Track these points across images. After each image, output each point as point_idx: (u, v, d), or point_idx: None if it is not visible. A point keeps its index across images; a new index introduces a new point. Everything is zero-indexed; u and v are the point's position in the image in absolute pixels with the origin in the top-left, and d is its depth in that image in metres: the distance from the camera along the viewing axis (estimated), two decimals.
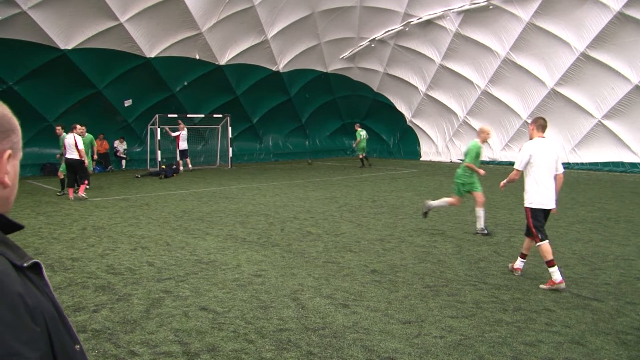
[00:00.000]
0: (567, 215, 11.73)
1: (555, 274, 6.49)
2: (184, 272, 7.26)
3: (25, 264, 1.17)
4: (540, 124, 7.09)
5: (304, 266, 7.55)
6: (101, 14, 19.32)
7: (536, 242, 6.79)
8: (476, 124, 25.98)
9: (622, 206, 12.97)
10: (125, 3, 19.40)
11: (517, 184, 7.70)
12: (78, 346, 1.24)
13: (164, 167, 21.03)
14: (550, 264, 6.57)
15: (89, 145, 15.60)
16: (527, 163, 6.90)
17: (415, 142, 29.94)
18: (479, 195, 9.95)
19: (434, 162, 27.87)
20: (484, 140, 10.31)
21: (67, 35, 19.56)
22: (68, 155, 14.39)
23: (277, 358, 4.54)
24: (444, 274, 7.12)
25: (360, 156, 25.73)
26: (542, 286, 6.57)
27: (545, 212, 6.93)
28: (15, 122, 1.27)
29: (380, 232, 9.96)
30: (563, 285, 6.43)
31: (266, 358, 4.55)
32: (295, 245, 8.90)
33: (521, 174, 7.11)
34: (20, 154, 1.29)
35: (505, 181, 7.38)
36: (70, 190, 14.58)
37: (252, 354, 4.63)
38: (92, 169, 15.66)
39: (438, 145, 28.51)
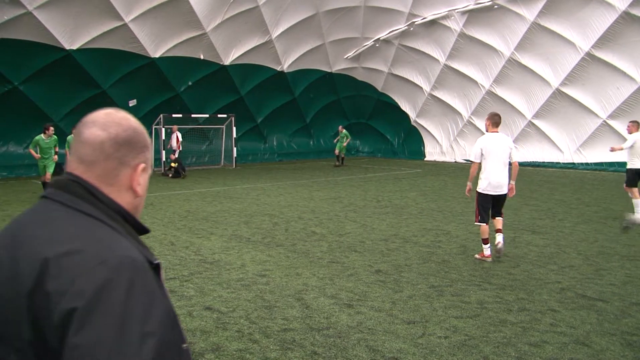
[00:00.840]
0: (573, 215, 11.70)
1: (487, 250, 7.79)
2: (188, 271, 7.27)
3: (154, 262, 1.32)
4: (495, 121, 8.08)
5: (309, 266, 7.55)
6: (106, 14, 19.36)
7: (475, 222, 8.03)
8: (480, 124, 25.96)
9: (627, 206, 12.89)
10: (130, 3, 19.44)
11: (524, 184, 7.70)
12: (185, 345, 1.34)
13: (174, 165, 20.84)
14: (485, 242, 7.81)
15: (52, 147, 14.26)
16: (481, 155, 7.82)
17: (420, 142, 29.91)
18: None
19: (438, 162, 27.82)
20: None
21: (72, 36, 19.61)
22: None
23: (281, 358, 4.54)
24: (449, 274, 7.10)
25: (342, 155, 25.76)
26: (476, 255, 7.95)
27: (495, 198, 7.88)
28: (149, 140, 1.47)
29: (384, 232, 9.95)
30: (489, 259, 7.73)
31: (270, 358, 4.55)
32: (299, 245, 8.90)
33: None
34: (151, 170, 1.47)
35: (469, 182, 8.21)
36: None
37: (256, 353, 4.63)
38: (51, 171, 14.11)
39: (442, 145, 28.46)
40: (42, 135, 14.03)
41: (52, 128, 14.24)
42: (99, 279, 1.16)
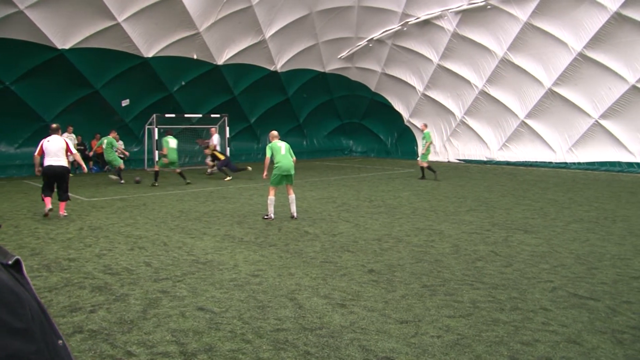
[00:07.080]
0: (564, 214, 11.75)
1: None
2: (181, 272, 7.25)
3: (9, 262, 1.18)
4: None
5: (302, 266, 7.55)
6: (99, 14, 19.29)
7: None
8: (474, 123, 26.08)
9: (618, 205, 12.99)
10: (122, 3, 19.37)
11: (517, 184, 7.71)
12: (61, 341, 1.24)
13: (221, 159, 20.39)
14: None
15: None
16: None
17: (413, 142, 29.96)
18: None
19: (431, 162, 27.83)
20: None
21: (65, 35, 19.53)
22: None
23: (274, 358, 4.54)
24: (441, 274, 7.12)
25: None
26: None
27: None
28: None
29: (377, 232, 9.96)
30: None
31: (263, 358, 4.54)
32: (292, 245, 8.90)
33: None
34: None
35: None
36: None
37: (249, 354, 4.63)
38: None
39: (436, 145, 28.51)
40: None
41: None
42: None
